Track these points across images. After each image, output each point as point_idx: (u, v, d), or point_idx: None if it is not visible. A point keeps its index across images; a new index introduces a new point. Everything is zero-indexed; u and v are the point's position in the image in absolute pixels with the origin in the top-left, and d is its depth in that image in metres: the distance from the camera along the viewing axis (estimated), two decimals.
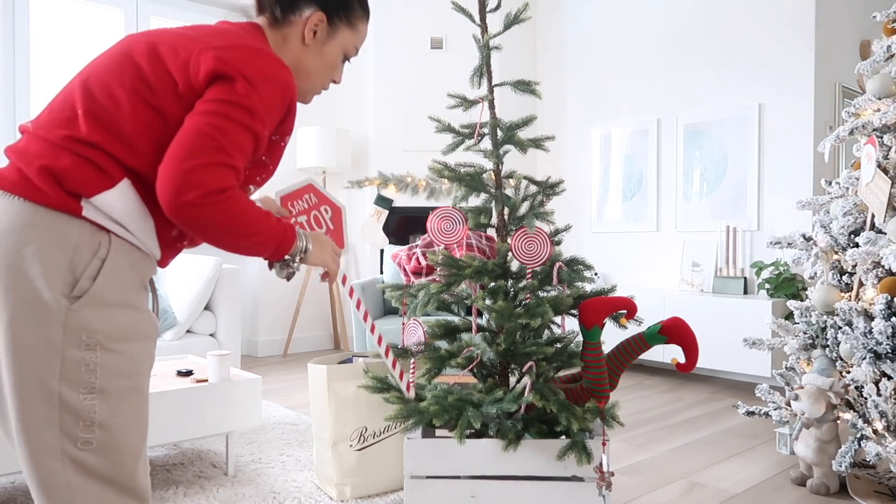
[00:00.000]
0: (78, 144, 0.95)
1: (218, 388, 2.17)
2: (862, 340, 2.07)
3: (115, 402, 0.96)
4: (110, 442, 0.95)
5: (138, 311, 0.99)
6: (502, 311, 1.63)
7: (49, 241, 0.91)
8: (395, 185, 4.65)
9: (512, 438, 1.60)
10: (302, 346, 5.01)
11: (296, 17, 1.14)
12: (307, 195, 1.68)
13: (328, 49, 1.18)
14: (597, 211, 4.97)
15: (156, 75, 0.99)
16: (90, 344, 0.93)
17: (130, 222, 0.98)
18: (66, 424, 0.92)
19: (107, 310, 0.95)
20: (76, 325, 0.92)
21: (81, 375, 0.93)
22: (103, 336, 0.94)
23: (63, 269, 0.92)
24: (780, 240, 2.56)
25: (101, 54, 1.05)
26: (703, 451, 2.62)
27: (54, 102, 1.00)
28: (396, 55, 4.84)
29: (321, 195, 1.70)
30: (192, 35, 1.04)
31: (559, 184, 1.81)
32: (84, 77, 1.00)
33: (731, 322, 3.74)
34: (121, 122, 0.97)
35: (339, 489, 2.06)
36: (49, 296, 0.91)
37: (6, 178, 0.94)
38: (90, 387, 0.93)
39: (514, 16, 1.77)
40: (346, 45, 1.20)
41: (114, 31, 4.30)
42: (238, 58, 1.00)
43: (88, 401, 0.93)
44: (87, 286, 0.93)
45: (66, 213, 0.93)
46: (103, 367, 0.94)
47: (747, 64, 4.10)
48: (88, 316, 0.93)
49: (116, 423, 0.96)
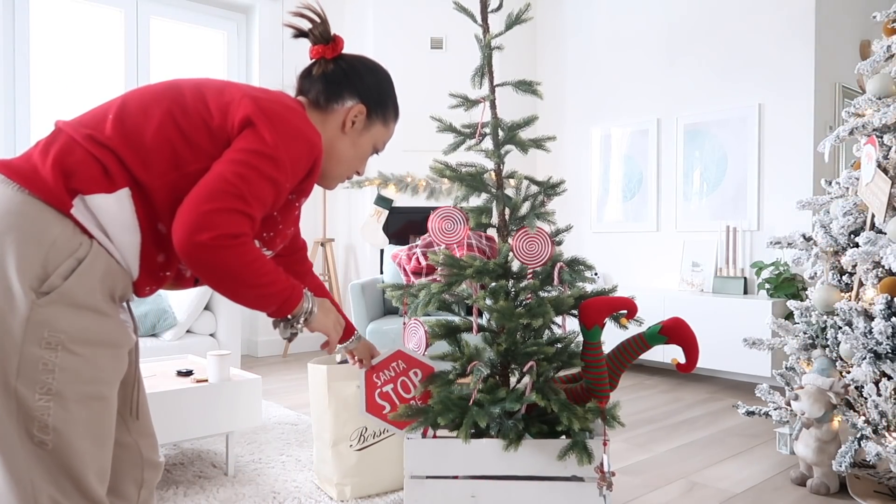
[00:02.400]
0: (94, 144, 0.97)
1: (218, 388, 2.17)
2: (862, 340, 2.07)
3: (72, 407, 0.93)
4: (64, 447, 0.92)
5: (108, 317, 0.97)
6: (503, 311, 1.63)
7: (29, 232, 0.91)
8: (395, 185, 4.65)
9: (513, 438, 1.60)
10: (302, 346, 5.01)
11: (338, 105, 1.21)
12: (395, 363, 1.72)
13: (362, 139, 1.26)
14: (597, 211, 4.97)
15: (194, 104, 1.03)
16: (51, 343, 0.91)
17: (116, 232, 0.97)
18: (23, 421, 0.91)
19: (74, 310, 0.93)
20: (39, 321, 0.90)
21: (39, 374, 0.91)
22: (66, 337, 0.92)
23: (36, 262, 0.90)
24: (780, 240, 2.56)
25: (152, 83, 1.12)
26: (703, 451, 2.62)
27: (95, 108, 1.04)
28: (396, 55, 4.84)
29: (410, 359, 1.73)
30: (240, 85, 1.10)
31: (560, 184, 1.81)
32: (128, 94, 1.05)
33: (731, 322, 3.74)
34: (144, 133, 0.99)
35: (339, 489, 2.06)
36: (17, 287, 0.89)
37: (13, 166, 0.96)
38: (47, 388, 0.91)
39: (516, 16, 1.77)
40: (377, 139, 1.29)
41: (114, 31, 4.30)
42: (274, 110, 1.05)
43: (43, 402, 0.91)
44: (57, 283, 0.91)
45: (54, 207, 0.93)
46: (62, 369, 0.92)
47: (747, 64, 4.10)
48: (54, 314, 0.91)
49: (71, 430, 0.93)
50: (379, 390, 1.73)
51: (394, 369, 1.74)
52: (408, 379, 1.74)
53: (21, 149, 3.91)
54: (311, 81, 1.22)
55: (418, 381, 1.73)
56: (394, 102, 1.30)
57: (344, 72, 1.22)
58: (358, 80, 1.23)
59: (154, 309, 3.28)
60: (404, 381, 1.74)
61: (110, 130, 0.98)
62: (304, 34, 1.22)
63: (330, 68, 1.22)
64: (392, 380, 1.73)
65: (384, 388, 1.73)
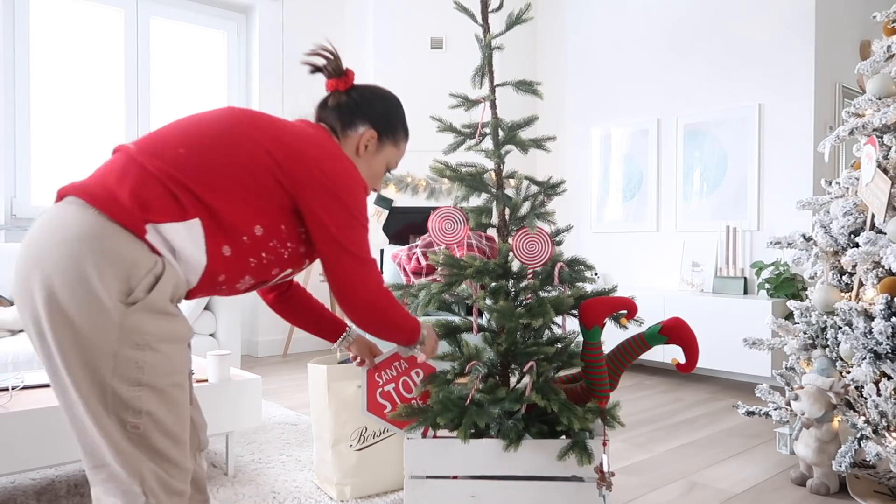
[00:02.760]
0: (170, 178, 1.10)
1: (218, 388, 2.17)
2: (862, 340, 2.07)
3: (160, 394, 1.08)
4: (154, 428, 1.08)
5: (177, 318, 1.12)
6: (503, 311, 1.63)
7: (111, 253, 1.03)
8: (395, 185, 4.65)
9: (513, 438, 1.60)
10: (302, 346, 5.01)
11: (352, 132, 1.38)
12: (397, 363, 1.73)
13: (375, 160, 1.43)
14: (597, 211, 4.97)
15: (256, 149, 1.17)
16: (141, 344, 1.05)
17: (184, 255, 1.11)
18: (117, 412, 1.05)
19: (155, 316, 1.07)
20: (130, 328, 1.04)
21: (132, 372, 1.05)
22: (153, 338, 1.07)
23: (120, 279, 1.04)
24: (780, 240, 2.56)
25: (211, 111, 1.23)
26: (703, 451, 2.62)
27: (161, 135, 1.15)
28: (396, 55, 4.84)
29: (413, 359, 1.74)
30: (297, 131, 1.24)
31: (560, 184, 1.81)
32: (192, 125, 1.17)
33: (731, 322, 3.74)
34: (217, 171, 1.13)
35: (339, 489, 2.06)
36: (108, 300, 1.02)
37: (89, 191, 1.07)
38: (138, 381, 1.06)
39: (517, 16, 1.77)
40: (389, 159, 1.46)
41: (114, 31, 4.30)
42: (341, 173, 1.23)
43: (136, 392, 1.05)
44: (141, 296, 1.05)
45: (131, 232, 1.06)
46: (150, 365, 1.06)
47: (747, 64, 4.10)
48: (141, 320, 1.05)
49: (161, 412, 1.08)
50: (380, 389, 1.73)
51: (395, 369, 1.74)
52: (409, 378, 1.74)
53: (21, 149, 3.91)
54: (327, 112, 1.40)
55: (420, 381, 1.73)
56: (403, 125, 1.45)
57: (356, 101, 1.38)
58: (368, 108, 1.38)
59: None
60: (406, 381, 1.74)
61: (184, 165, 1.11)
62: (319, 70, 1.39)
63: (343, 99, 1.39)
64: (394, 379, 1.73)
65: (386, 388, 1.73)
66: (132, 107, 4.37)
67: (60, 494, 2.09)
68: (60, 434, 1.83)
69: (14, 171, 3.90)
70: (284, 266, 1.25)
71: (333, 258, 1.24)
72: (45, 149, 4.02)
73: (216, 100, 4.79)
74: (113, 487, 1.07)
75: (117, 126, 4.31)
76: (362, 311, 1.29)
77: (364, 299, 1.28)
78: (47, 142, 4.03)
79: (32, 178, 3.96)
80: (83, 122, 4.18)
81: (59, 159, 4.07)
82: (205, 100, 4.73)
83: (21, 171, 3.92)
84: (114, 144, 4.29)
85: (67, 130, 4.11)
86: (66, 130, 4.11)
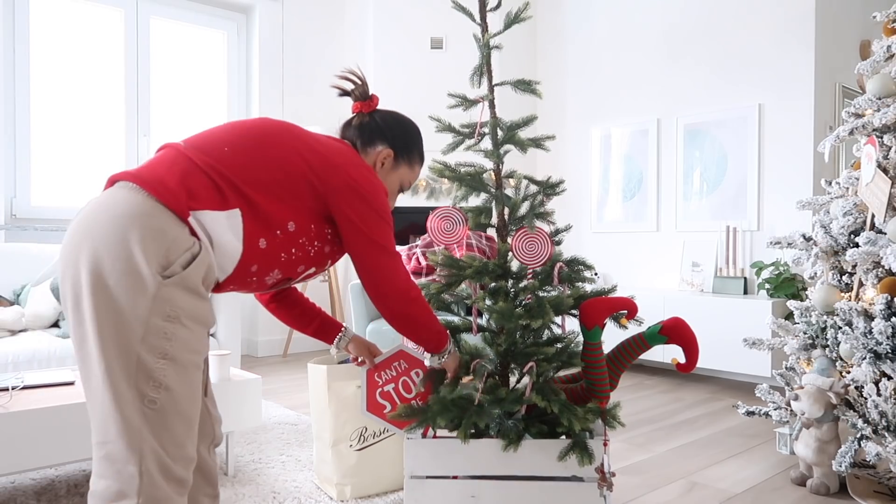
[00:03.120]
0: (215, 171, 1.19)
1: (218, 388, 2.17)
2: (862, 340, 2.07)
3: (182, 370, 1.12)
4: (170, 406, 1.11)
5: (207, 301, 1.18)
6: (503, 311, 1.63)
7: (156, 228, 1.11)
8: None
9: (513, 438, 1.60)
10: (302, 346, 5.01)
11: (371, 150, 1.49)
12: (397, 362, 1.73)
13: (390, 178, 1.52)
14: (597, 211, 4.97)
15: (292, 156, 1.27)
16: (172, 316, 1.11)
17: (220, 242, 1.19)
18: (139, 382, 1.08)
19: (188, 293, 1.13)
20: (164, 298, 1.10)
21: (160, 341, 1.09)
22: (182, 312, 1.12)
23: (160, 253, 1.10)
24: (780, 240, 2.56)
25: (248, 119, 1.34)
26: (702, 451, 2.62)
27: (205, 136, 1.26)
28: (396, 55, 4.84)
29: (412, 359, 1.73)
30: (330, 145, 1.34)
31: (560, 184, 1.81)
32: (233, 129, 1.27)
33: (731, 322, 3.74)
34: (258, 169, 1.23)
35: (339, 489, 2.06)
36: (147, 271, 1.08)
37: (140, 176, 1.15)
38: (164, 352, 1.10)
39: (515, 15, 1.77)
40: (403, 179, 1.54)
41: (114, 31, 4.30)
42: (365, 178, 1.33)
43: (162, 364, 1.10)
44: (177, 270, 1.11)
45: (175, 213, 1.14)
46: (178, 338, 1.11)
47: (747, 64, 4.10)
48: (174, 293, 1.11)
49: (179, 389, 1.12)
50: (380, 389, 1.73)
51: (395, 369, 1.74)
52: (409, 379, 1.74)
53: (21, 149, 3.91)
54: (350, 130, 1.51)
55: (420, 382, 1.73)
56: (419, 149, 1.56)
57: (377, 123, 1.50)
58: (388, 130, 1.50)
59: None
60: (406, 381, 1.74)
61: (228, 161, 1.21)
62: (347, 94, 1.51)
63: (366, 120, 1.50)
64: (394, 379, 1.73)
65: (385, 388, 1.73)
66: (132, 107, 4.37)
67: (60, 494, 2.09)
68: (60, 434, 1.83)
69: (14, 172, 3.90)
70: (310, 264, 1.34)
71: (363, 250, 1.33)
72: (46, 149, 4.02)
73: (216, 100, 4.79)
74: (107, 467, 1.08)
75: (117, 126, 4.31)
76: (394, 300, 1.36)
77: (396, 289, 1.35)
78: (47, 142, 4.03)
79: (32, 179, 3.96)
80: (83, 122, 4.18)
81: (59, 159, 4.07)
82: (205, 100, 4.73)
83: (21, 171, 3.92)
84: (113, 145, 4.30)
85: (67, 130, 4.11)
86: (66, 130, 4.11)
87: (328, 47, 5.11)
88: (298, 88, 4.97)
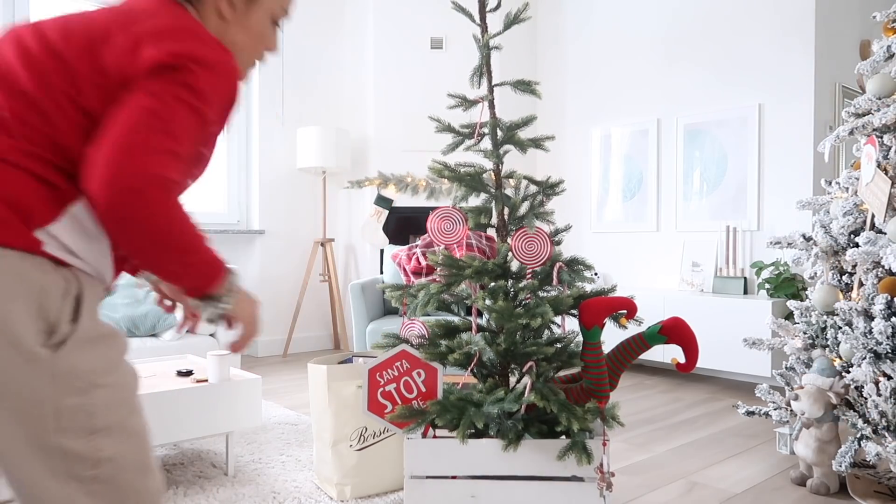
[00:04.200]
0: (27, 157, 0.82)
1: (218, 388, 2.17)
2: (862, 340, 2.07)
3: (118, 431, 0.89)
4: (119, 470, 0.90)
5: (112, 335, 0.92)
6: (502, 311, 1.63)
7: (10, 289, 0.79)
8: (395, 185, 4.65)
9: (512, 438, 1.60)
10: (302, 346, 5.01)
11: None
12: (398, 363, 1.72)
13: (252, 19, 1.03)
14: (597, 211, 4.97)
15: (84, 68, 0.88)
16: (83, 388, 0.85)
17: (86, 247, 0.88)
18: (72, 472, 0.85)
19: (90, 347, 0.87)
20: (65, 372, 0.83)
21: (80, 421, 0.85)
22: (94, 374, 0.87)
23: (32, 317, 0.81)
24: (780, 240, 2.56)
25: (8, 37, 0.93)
26: (702, 451, 2.62)
27: None
28: (396, 55, 4.84)
29: (414, 359, 1.72)
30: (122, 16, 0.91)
31: (559, 184, 1.81)
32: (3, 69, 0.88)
33: (731, 322, 3.74)
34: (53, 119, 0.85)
35: (339, 489, 2.06)
36: (26, 350, 0.80)
37: None
38: (91, 429, 0.86)
39: (515, 16, 1.77)
40: (271, 9, 1.05)
41: None
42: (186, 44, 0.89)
43: (92, 442, 0.86)
44: (66, 330, 0.84)
45: (23, 251, 0.80)
46: (101, 405, 0.87)
47: (747, 64, 4.10)
48: (76, 359, 0.85)
49: (122, 450, 0.90)
50: (381, 389, 1.73)
51: (397, 369, 1.74)
52: (411, 379, 1.74)
53: None
54: None
55: (421, 382, 1.73)
56: None
57: None
58: None
59: (154, 309, 3.28)
60: (407, 382, 1.74)
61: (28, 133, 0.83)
62: None
63: None
64: (395, 379, 1.73)
65: (387, 388, 1.73)
66: None
67: None
68: None
69: None
70: None
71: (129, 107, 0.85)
72: None
73: None
74: None
75: None
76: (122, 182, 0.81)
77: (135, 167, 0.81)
78: None
79: None
80: None
81: None
82: None
83: None
84: None
85: None
86: None
87: (328, 47, 5.11)
88: (298, 88, 4.97)
